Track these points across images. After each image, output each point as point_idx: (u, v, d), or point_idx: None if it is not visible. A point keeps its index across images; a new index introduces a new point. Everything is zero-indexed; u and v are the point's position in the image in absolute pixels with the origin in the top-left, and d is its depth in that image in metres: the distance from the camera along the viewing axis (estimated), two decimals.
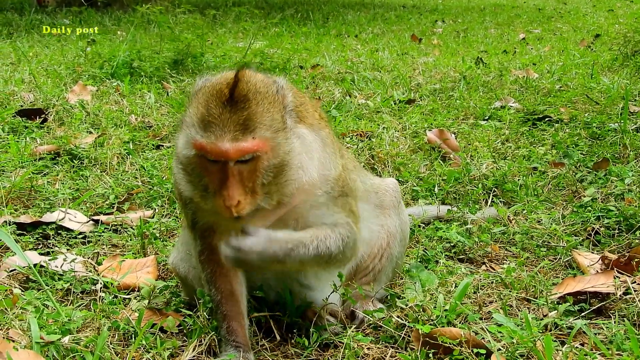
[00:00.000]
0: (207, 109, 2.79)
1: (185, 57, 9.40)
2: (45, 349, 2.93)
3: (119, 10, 17.66)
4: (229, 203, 2.77)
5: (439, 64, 10.41)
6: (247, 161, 2.78)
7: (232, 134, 2.74)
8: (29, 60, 10.00)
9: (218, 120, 2.76)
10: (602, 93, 7.70)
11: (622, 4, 22.11)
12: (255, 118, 2.78)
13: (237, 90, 2.78)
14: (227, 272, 3.14)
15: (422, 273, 3.82)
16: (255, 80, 2.88)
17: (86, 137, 6.19)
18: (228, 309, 3.10)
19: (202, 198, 2.89)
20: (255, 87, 2.85)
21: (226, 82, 2.83)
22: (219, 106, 2.77)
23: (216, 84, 2.86)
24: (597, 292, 3.53)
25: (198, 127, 2.79)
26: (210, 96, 2.81)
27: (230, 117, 2.76)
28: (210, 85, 2.87)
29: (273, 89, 2.91)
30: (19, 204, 4.89)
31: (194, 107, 2.85)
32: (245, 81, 2.83)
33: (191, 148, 2.81)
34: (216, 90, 2.82)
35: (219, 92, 2.80)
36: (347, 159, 3.40)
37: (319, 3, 22.30)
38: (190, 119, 2.84)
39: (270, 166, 2.83)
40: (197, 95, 2.89)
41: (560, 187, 5.18)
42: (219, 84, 2.85)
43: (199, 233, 3.17)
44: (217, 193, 2.81)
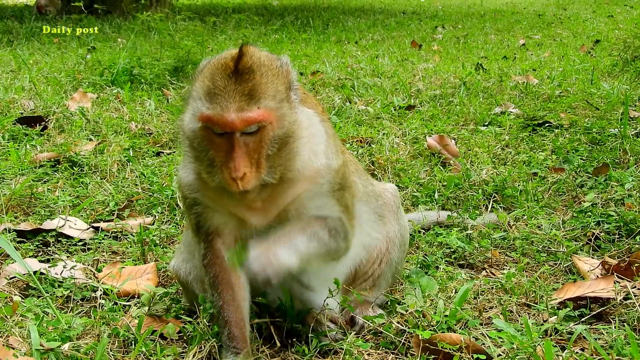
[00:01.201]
0: (213, 82, 2.85)
1: (186, 64, 9.42)
2: (45, 356, 2.93)
3: (119, 18, 17.69)
4: (235, 174, 2.81)
5: (439, 70, 10.42)
6: (253, 133, 2.83)
7: (238, 104, 2.80)
8: (29, 67, 10.02)
9: (223, 91, 2.82)
10: (602, 98, 7.70)
11: (622, 9, 22.13)
12: (259, 88, 2.84)
13: (241, 62, 2.84)
14: (230, 278, 3.14)
15: (422, 279, 3.82)
16: (259, 54, 2.96)
17: (86, 144, 6.20)
18: (230, 314, 3.10)
19: (208, 174, 2.93)
20: (259, 60, 2.91)
21: (231, 57, 2.89)
22: (224, 78, 2.83)
23: (221, 58, 2.93)
24: (598, 297, 3.52)
25: (204, 100, 2.84)
26: (215, 69, 2.88)
27: (235, 88, 2.82)
28: (215, 61, 2.94)
29: (277, 63, 2.98)
30: (19, 212, 4.89)
31: (200, 81, 2.91)
32: (249, 55, 2.89)
33: (197, 121, 2.86)
34: (221, 64, 2.89)
35: (224, 65, 2.87)
36: (348, 158, 3.43)
37: (318, 10, 22.33)
38: (196, 93, 2.90)
39: (275, 137, 2.88)
40: (202, 71, 2.95)
41: (560, 192, 5.18)
42: (223, 59, 2.91)
43: (203, 237, 3.17)
44: (223, 166, 2.85)
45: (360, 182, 3.52)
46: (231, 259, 3.11)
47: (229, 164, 2.82)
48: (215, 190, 3.03)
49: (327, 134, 3.17)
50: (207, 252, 3.17)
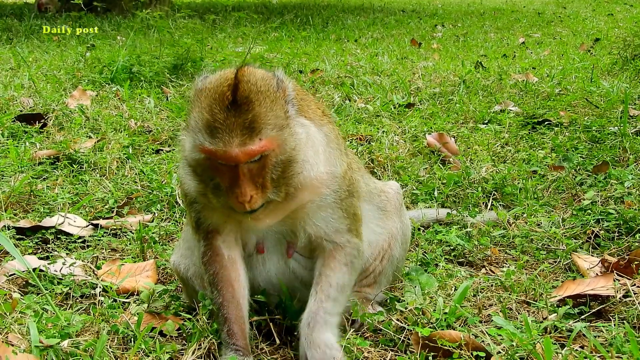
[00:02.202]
0: (212, 114, 2.80)
1: (185, 61, 9.41)
2: (45, 353, 2.93)
3: (118, 16, 17.69)
4: (242, 199, 2.83)
5: (438, 68, 10.42)
6: (256, 160, 2.83)
7: (240, 138, 2.77)
8: (28, 65, 10.01)
9: (224, 125, 2.77)
10: (601, 97, 7.70)
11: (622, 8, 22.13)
12: (259, 119, 2.80)
13: (238, 92, 2.80)
14: (230, 275, 3.14)
15: (422, 276, 3.82)
16: (255, 79, 2.89)
17: (86, 141, 6.20)
18: (229, 312, 3.10)
19: (214, 195, 2.93)
20: (256, 86, 2.85)
21: (227, 84, 2.84)
22: (223, 111, 2.79)
23: (217, 85, 2.87)
24: (597, 295, 3.52)
25: (205, 134, 2.81)
26: (212, 100, 2.82)
27: (235, 121, 2.77)
28: (212, 88, 2.87)
29: (273, 85, 2.92)
30: (18, 209, 4.89)
31: (198, 111, 2.86)
32: (245, 81, 2.84)
33: (199, 152, 2.85)
34: (218, 93, 2.82)
35: (221, 95, 2.81)
36: (351, 158, 3.43)
37: (318, 8, 22.32)
38: (195, 124, 2.86)
39: (278, 162, 2.88)
40: (199, 97, 2.90)
41: (560, 190, 5.18)
42: (220, 86, 2.85)
43: (203, 234, 3.17)
44: (229, 190, 2.85)
45: (362, 180, 3.53)
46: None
47: (235, 189, 2.84)
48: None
49: (327, 139, 3.15)
50: (207, 249, 3.17)
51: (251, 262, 3.26)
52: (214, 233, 3.16)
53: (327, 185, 3.11)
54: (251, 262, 3.26)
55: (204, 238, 3.18)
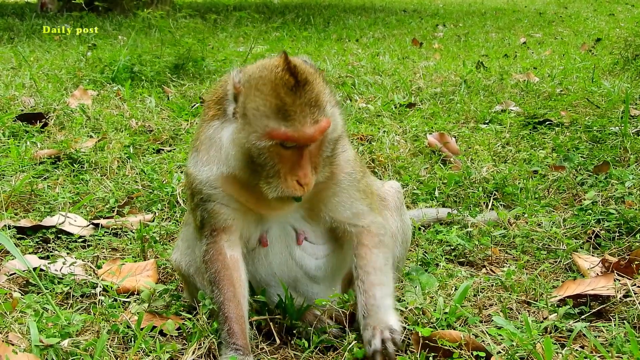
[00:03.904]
0: (279, 99, 2.86)
1: (186, 61, 9.41)
2: (45, 352, 2.93)
3: (119, 15, 17.69)
4: (305, 181, 2.92)
5: (439, 68, 10.41)
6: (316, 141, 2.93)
7: (311, 117, 2.87)
8: (29, 64, 10.02)
9: (294, 107, 2.85)
10: (602, 97, 7.70)
11: (623, 8, 22.10)
12: (321, 97, 2.92)
13: (298, 74, 2.88)
14: (232, 275, 3.15)
15: (422, 276, 3.82)
16: (300, 62, 2.99)
17: (86, 141, 6.20)
18: (230, 311, 3.10)
19: (268, 185, 2.97)
20: (305, 68, 2.96)
21: (282, 69, 2.90)
22: (289, 94, 2.86)
23: (271, 72, 2.92)
24: (597, 295, 3.52)
25: (276, 118, 2.86)
26: (274, 86, 2.88)
27: (304, 102, 2.87)
28: (267, 75, 2.92)
29: (314, 67, 3.05)
30: (19, 208, 4.89)
31: (260, 99, 2.89)
32: (297, 64, 2.92)
33: (268, 139, 2.87)
34: (278, 78, 2.88)
35: (282, 79, 2.87)
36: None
37: (319, 7, 22.32)
38: (258, 112, 2.89)
39: (331, 140, 3.01)
40: (253, 87, 2.93)
41: (560, 190, 5.18)
42: (275, 72, 2.90)
43: (207, 233, 3.18)
44: (289, 175, 2.92)
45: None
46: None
47: (297, 172, 2.91)
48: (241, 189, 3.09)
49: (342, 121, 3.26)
50: (210, 248, 3.17)
51: (253, 256, 3.28)
52: (218, 232, 3.17)
53: (351, 165, 3.25)
54: (253, 256, 3.28)
55: (207, 237, 3.19)
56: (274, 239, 3.28)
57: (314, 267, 3.33)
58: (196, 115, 7.25)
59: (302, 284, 3.34)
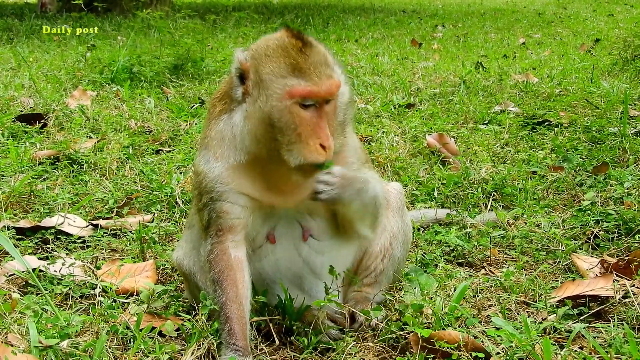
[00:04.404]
0: (293, 58, 2.98)
1: (185, 62, 9.42)
2: (44, 353, 2.93)
3: (119, 16, 17.68)
4: (327, 143, 2.97)
5: (438, 68, 10.42)
6: (330, 101, 3.01)
7: (326, 72, 2.99)
8: (29, 65, 10.02)
9: (307, 64, 2.97)
10: (601, 97, 7.69)
11: (622, 8, 22.11)
12: (328, 58, 3.07)
13: (303, 37, 3.02)
14: (235, 275, 3.16)
15: (421, 277, 3.82)
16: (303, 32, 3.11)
17: (86, 142, 6.20)
18: (232, 311, 3.10)
19: (289, 152, 3.00)
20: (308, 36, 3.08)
21: (287, 36, 3.03)
22: (300, 54, 2.98)
23: (278, 40, 3.05)
24: (596, 296, 3.52)
25: (292, 76, 2.96)
26: (284, 50, 3.01)
27: (315, 60, 2.99)
28: (275, 44, 3.05)
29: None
30: (18, 209, 4.89)
31: (273, 62, 3.00)
32: (300, 31, 3.06)
33: (288, 98, 2.95)
34: (286, 43, 3.02)
35: (291, 43, 3.01)
36: None
37: (319, 8, 22.32)
38: (274, 74, 2.98)
39: (342, 104, 3.10)
40: (262, 56, 3.04)
41: (559, 191, 5.18)
42: (282, 40, 3.04)
43: (213, 232, 3.19)
44: (310, 138, 2.96)
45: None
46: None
47: (318, 133, 2.96)
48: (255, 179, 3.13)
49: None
50: (214, 247, 3.19)
51: (260, 253, 3.30)
52: (224, 232, 3.18)
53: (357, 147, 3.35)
54: (260, 253, 3.30)
55: (212, 236, 3.20)
56: (282, 236, 3.30)
57: (319, 264, 3.35)
58: (195, 116, 7.25)
59: (308, 281, 3.36)
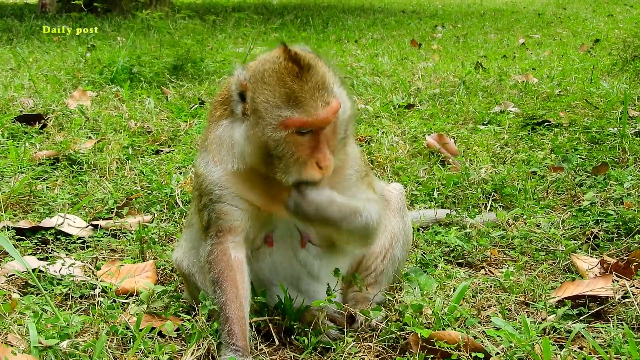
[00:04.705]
0: (287, 87, 2.91)
1: (185, 62, 9.42)
2: (44, 353, 2.93)
3: (118, 16, 17.68)
4: (325, 163, 2.95)
5: (438, 68, 10.42)
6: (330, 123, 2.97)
7: (322, 99, 2.92)
8: (28, 66, 10.02)
9: (303, 92, 2.90)
10: (601, 98, 7.69)
11: (622, 9, 22.11)
12: (326, 79, 2.97)
13: (300, 60, 2.93)
14: (235, 276, 3.15)
15: (421, 277, 3.82)
16: (299, 50, 3.03)
17: (85, 142, 6.20)
18: (231, 311, 3.10)
19: (284, 174, 2.99)
20: (306, 54, 3.00)
21: (283, 58, 2.95)
22: (296, 81, 2.91)
23: (273, 63, 2.97)
24: (596, 296, 3.52)
25: (287, 106, 2.90)
26: (280, 75, 2.93)
27: (311, 86, 2.91)
28: (270, 68, 2.97)
29: (313, 53, 3.09)
30: (18, 209, 4.89)
31: (267, 91, 2.94)
32: (297, 52, 2.97)
33: (283, 128, 2.91)
34: (282, 68, 2.94)
35: (286, 69, 2.93)
36: None
37: (318, 8, 22.32)
38: (269, 103, 2.93)
39: (343, 121, 3.04)
40: (259, 81, 2.98)
41: (559, 191, 5.18)
42: (277, 63, 2.96)
43: (213, 233, 3.19)
44: (309, 159, 2.95)
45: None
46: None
47: (317, 155, 2.94)
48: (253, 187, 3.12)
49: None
50: (214, 248, 3.18)
51: (258, 255, 3.31)
52: (224, 233, 3.19)
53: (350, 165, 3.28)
54: (258, 255, 3.31)
55: (212, 237, 3.20)
56: (279, 239, 3.30)
57: (316, 267, 3.36)
58: (195, 117, 7.25)
59: (305, 282, 3.36)
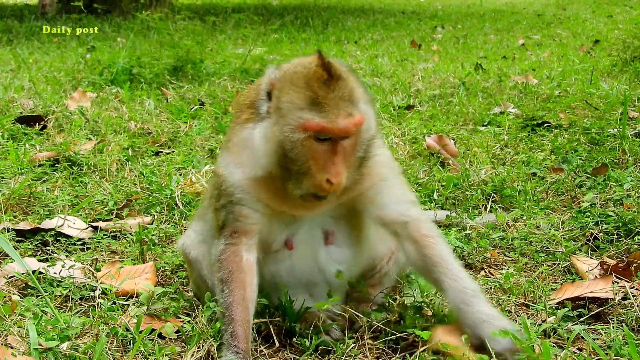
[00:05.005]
0: (314, 91, 2.90)
1: (185, 63, 9.42)
2: (44, 355, 2.93)
3: (118, 17, 17.69)
4: (336, 180, 2.92)
5: (438, 69, 10.42)
6: (349, 137, 2.94)
7: (345, 110, 2.90)
8: (28, 66, 10.03)
9: (328, 99, 2.89)
10: (601, 99, 7.70)
11: (622, 10, 22.11)
12: (355, 93, 2.96)
13: (331, 69, 2.92)
14: (244, 278, 3.14)
15: (421, 278, 3.81)
16: (333, 60, 3.02)
17: (85, 143, 6.20)
18: (237, 313, 3.08)
19: (295, 183, 2.98)
20: (340, 65, 3.00)
21: (316, 64, 2.94)
22: (322, 87, 2.90)
23: (305, 68, 2.97)
24: (596, 298, 3.52)
25: (309, 109, 2.89)
26: (308, 79, 2.92)
27: (338, 95, 2.90)
28: (301, 71, 2.98)
29: (347, 67, 3.08)
30: (18, 211, 4.89)
31: (293, 93, 2.94)
32: (331, 61, 2.96)
33: (302, 131, 2.90)
34: (312, 72, 2.93)
35: (316, 74, 2.92)
36: None
37: (318, 9, 22.33)
38: (292, 105, 2.93)
39: (364, 140, 3.01)
40: (287, 81, 2.98)
41: (559, 192, 5.18)
42: (309, 68, 2.96)
43: (228, 234, 3.18)
44: (320, 171, 2.92)
45: None
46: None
47: (329, 168, 2.92)
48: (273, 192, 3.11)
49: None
50: (227, 248, 3.18)
51: (276, 257, 3.30)
52: (239, 234, 3.18)
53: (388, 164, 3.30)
54: (276, 257, 3.30)
55: (226, 237, 3.19)
56: (300, 243, 3.29)
57: (333, 271, 3.36)
58: (195, 118, 7.26)
59: (320, 288, 3.36)
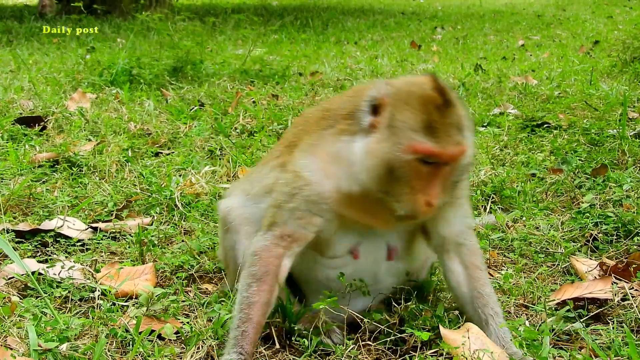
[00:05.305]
0: (428, 114, 2.91)
1: (185, 64, 9.42)
2: (43, 356, 2.93)
3: (118, 18, 17.69)
4: (432, 202, 2.93)
5: (438, 70, 10.43)
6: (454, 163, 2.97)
7: (455, 137, 2.91)
8: (28, 67, 10.03)
9: (442, 125, 2.90)
10: (600, 99, 7.70)
11: (621, 10, 22.12)
12: (462, 121, 2.97)
13: (446, 95, 2.94)
14: (275, 283, 3.11)
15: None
16: (445, 83, 3.03)
17: (85, 144, 6.20)
18: (256, 314, 3.05)
19: (397, 202, 2.97)
20: (451, 91, 3.01)
21: (431, 88, 2.96)
22: (437, 112, 2.91)
23: (420, 89, 2.98)
24: (595, 298, 3.53)
25: (423, 133, 2.89)
26: (424, 101, 2.93)
27: (450, 122, 2.92)
28: (416, 91, 2.98)
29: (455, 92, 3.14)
30: (17, 212, 4.89)
31: (408, 112, 2.93)
32: (444, 86, 2.98)
33: (412, 152, 2.89)
34: (427, 96, 2.94)
35: (432, 98, 2.93)
36: None
37: (318, 10, 22.33)
38: (407, 124, 2.92)
39: (462, 166, 3.02)
40: (402, 100, 2.97)
41: (558, 193, 5.18)
42: (424, 90, 2.97)
43: (278, 233, 3.14)
44: (419, 193, 2.93)
45: None
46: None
47: (429, 190, 2.93)
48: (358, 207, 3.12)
49: None
50: (272, 248, 3.13)
51: (337, 262, 3.30)
52: (292, 240, 3.15)
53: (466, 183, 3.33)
54: (337, 262, 3.30)
55: (275, 236, 3.15)
56: (365, 253, 3.29)
57: (389, 284, 3.43)
58: (195, 119, 7.25)
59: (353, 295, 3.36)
